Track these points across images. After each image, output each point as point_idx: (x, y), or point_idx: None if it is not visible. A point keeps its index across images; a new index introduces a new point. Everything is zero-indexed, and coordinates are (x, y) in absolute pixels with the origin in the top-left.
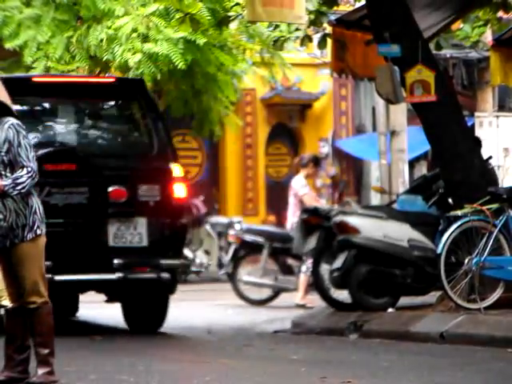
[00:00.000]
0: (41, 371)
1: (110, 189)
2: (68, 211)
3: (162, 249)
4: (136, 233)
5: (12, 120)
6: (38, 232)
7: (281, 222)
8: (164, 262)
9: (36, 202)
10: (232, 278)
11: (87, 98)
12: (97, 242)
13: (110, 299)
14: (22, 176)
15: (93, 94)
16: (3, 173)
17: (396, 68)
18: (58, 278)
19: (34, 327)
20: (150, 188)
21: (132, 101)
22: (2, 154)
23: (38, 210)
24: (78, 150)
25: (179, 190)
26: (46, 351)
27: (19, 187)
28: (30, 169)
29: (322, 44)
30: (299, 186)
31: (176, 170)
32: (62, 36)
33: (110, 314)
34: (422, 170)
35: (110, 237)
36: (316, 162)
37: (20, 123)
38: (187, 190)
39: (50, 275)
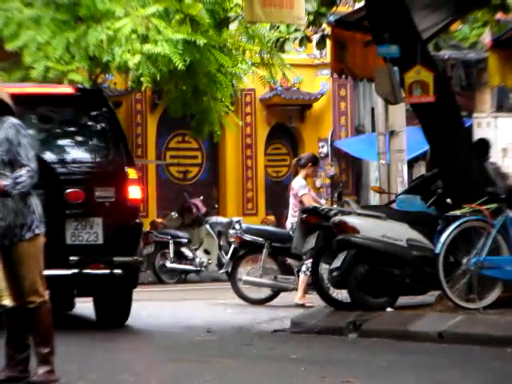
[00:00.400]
0: (41, 370)
1: (68, 191)
2: None
3: (116, 247)
4: (92, 232)
5: (12, 119)
6: (37, 231)
7: (280, 222)
8: (117, 258)
9: (34, 202)
10: (231, 277)
11: (48, 107)
12: (55, 240)
13: (79, 294)
14: (21, 175)
15: (53, 104)
16: (2, 172)
17: (395, 69)
18: None
19: (33, 326)
20: (105, 190)
21: (91, 110)
22: (2, 153)
23: (36, 210)
24: (38, 156)
25: (133, 192)
26: (46, 350)
27: (19, 186)
28: (29, 168)
29: (320, 44)
30: (299, 187)
31: (131, 173)
32: (62, 36)
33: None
34: (421, 170)
35: (68, 235)
36: (315, 161)
37: (20, 122)
38: (141, 191)
39: None
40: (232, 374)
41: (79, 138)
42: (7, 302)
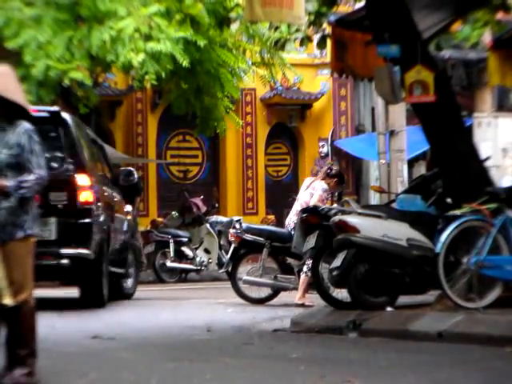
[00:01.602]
0: (17, 372)
1: None
2: None
3: (66, 242)
4: (47, 229)
5: (25, 125)
6: (29, 232)
7: (281, 221)
8: (64, 251)
9: (30, 203)
10: (232, 276)
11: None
12: None
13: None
14: (28, 181)
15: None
16: (5, 174)
17: (395, 68)
18: None
19: (13, 326)
20: (58, 194)
21: (50, 128)
22: (9, 156)
23: (30, 211)
24: None
25: (83, 196)
26: (24, 352)
27: (23, 191)
28: (39, 176)
29: (321, 44)
30: (321, 187)
31: (82, 179)
32: (63, 35)
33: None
34: (421, 169)
35: None
36: (341, 180)
37: (33, 128)
38: (92, 196)
39: None
40: (232, 373)
41: None
42: (8, 300)
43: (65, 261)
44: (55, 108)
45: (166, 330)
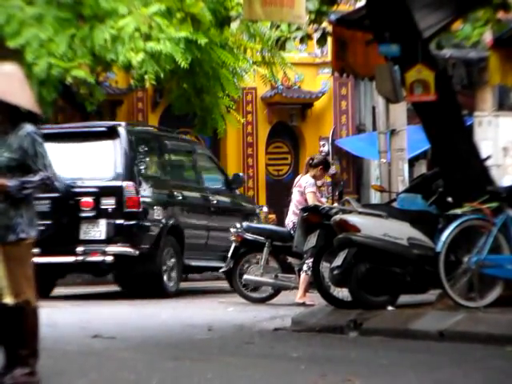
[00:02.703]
0: (17, 372)
1: None
2: None
3: (112, 241)
4: (97, 230)
5: (27, 127)
6: (22, 235)
7: (281, 221)
8: (109, 249)
9: (27, 207)
10: (232, 275)
11: None
12: None
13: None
14: (32, 181)
15: None
16: (6, 176)
17: (396, 67)
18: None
19: (14, 326)
20: (108, 200)
21: (106, 139)
22: (10, 159)
23: (25, 214)
24: None
25: (129, 201)
26: (25, 352)
27: (26, 191)
28: (44, 176)
29: (321, 41)
30: (307, 184)
31: (129, 187)
32: (65, 34)
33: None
34: (422, 168)
35: None
36: (326, 165)
37: (36, 130)
38: (137, 201)
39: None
40: (233, 372)
41: None
42: (8, 300)
43: (109, 258)
44: (112, 123)
45: (167, 329)
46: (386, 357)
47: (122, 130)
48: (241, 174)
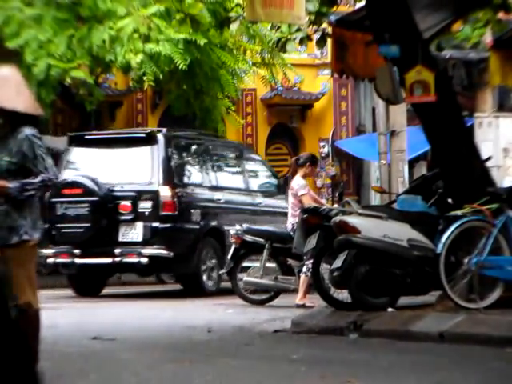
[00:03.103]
0: None
1: None
2: None
3: (148, 243)
4: (135, 232)
5: (26, 131)
6: (25, 237)
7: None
8: (144, 251)
9: (31, 208)
10: (232, 277)
11: None
12: None
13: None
14: (33, 183)
15: None
16: (7, 179)
17: (394, 68)
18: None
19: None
20: (145, 203)
21: (145, 144)
22: (9, 163)
23: (29, 216)
24: None
25: (165, 205)
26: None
27: (27, 193)
28: (46, 178)
29: (320, 42)
30: (298, 187)
31: (165, 191)
32: (64, 34)
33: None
34: (422, 170)
35: None
36: (313, 161)
37: (35, 133)
38: (173, 205)
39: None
40: (233, 374)
41: None
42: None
43: (144, 259)
44: (151, 129)
45: (167, 330)
46: (386, 358)
47: (160, 136)
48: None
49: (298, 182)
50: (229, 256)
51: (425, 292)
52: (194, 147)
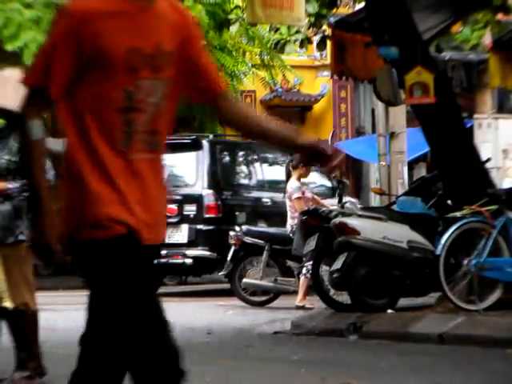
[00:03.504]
0: (17, 375)
1: None
2: None
3: (193, 244)
4: (180, 234)
5: None
6: (20, 237)
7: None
8: (188, 252)
9: (27, 209)
10: (232, 279)
11: None
12: None
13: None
14: None
15: None
16: (7, 178)
17: (393, 70)
18: None
19: (13, 329)
20: (190, 206)
21: (190, 150)
22: (8, 161)
23: (25, 216)
24: None
25: (208, 208)
26: (24, 355)
27: (26, 193)
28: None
29: (321, 45)
30: (292, 190)
31: (208, 195)
32: None
33: None
34: (422, 171)
35: None
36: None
37: None
38: (216, 208)
39: None
40: (232, 375)
41: None
42: (8, 304)
43: (189, 260)
44: (196, 135)
45: None
46: (385, 360)
47: (205, 142)
48: (345, 180)
49: (291, 185)
50: (228, 258)
51: (424, 293)
52: (240, 153)
